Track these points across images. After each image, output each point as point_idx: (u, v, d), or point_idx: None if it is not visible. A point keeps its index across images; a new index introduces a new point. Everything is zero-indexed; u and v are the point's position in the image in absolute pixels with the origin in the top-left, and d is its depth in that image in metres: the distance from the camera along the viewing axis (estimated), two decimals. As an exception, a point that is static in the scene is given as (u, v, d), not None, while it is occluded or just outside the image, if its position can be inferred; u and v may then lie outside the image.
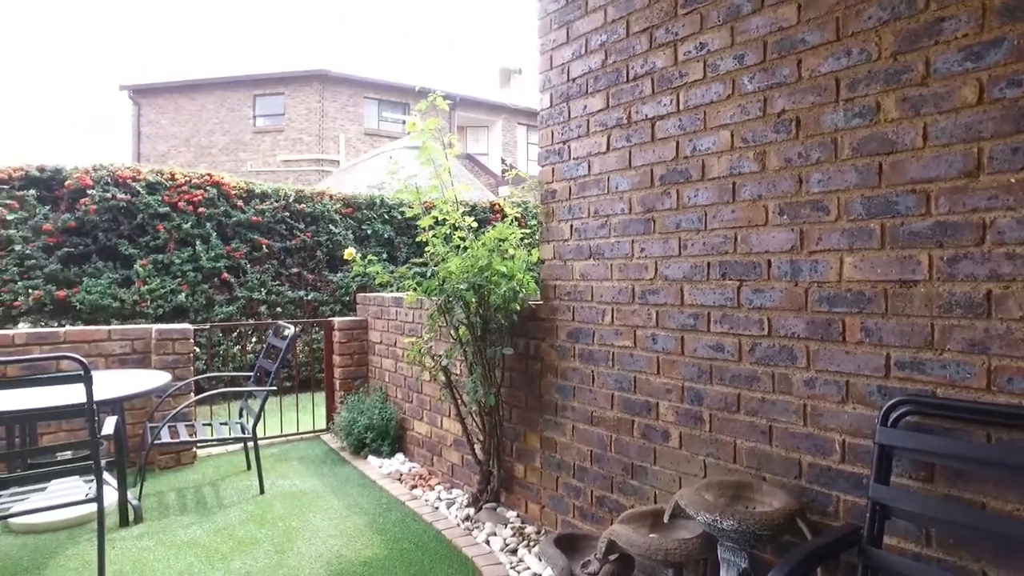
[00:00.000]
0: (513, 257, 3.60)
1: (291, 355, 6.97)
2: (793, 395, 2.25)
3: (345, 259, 4.07)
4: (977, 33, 1.82)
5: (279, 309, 7.71)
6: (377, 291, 6.05)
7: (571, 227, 3.30)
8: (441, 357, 3.79)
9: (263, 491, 4.20)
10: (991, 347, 1.78)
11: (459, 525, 3.59)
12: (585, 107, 3.20)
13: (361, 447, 4.98)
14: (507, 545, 3.28)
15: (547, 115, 3.48)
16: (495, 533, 3.43)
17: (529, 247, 3.70)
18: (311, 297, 7.97)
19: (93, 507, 3.02)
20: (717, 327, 2.51)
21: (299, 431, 5.73)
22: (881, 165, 2.02)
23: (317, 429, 5.79)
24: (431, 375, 4.08)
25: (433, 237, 3.70)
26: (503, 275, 3.47)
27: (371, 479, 4.44)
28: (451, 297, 3.50)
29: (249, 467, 4.68)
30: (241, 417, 4.69)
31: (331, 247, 8.14)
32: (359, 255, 3.98)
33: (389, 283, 3.81)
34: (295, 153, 20.86)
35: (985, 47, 1.80)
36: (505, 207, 4.09)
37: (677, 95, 2.69)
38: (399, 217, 8.61)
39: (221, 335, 7.17)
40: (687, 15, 2.64)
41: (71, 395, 2.99)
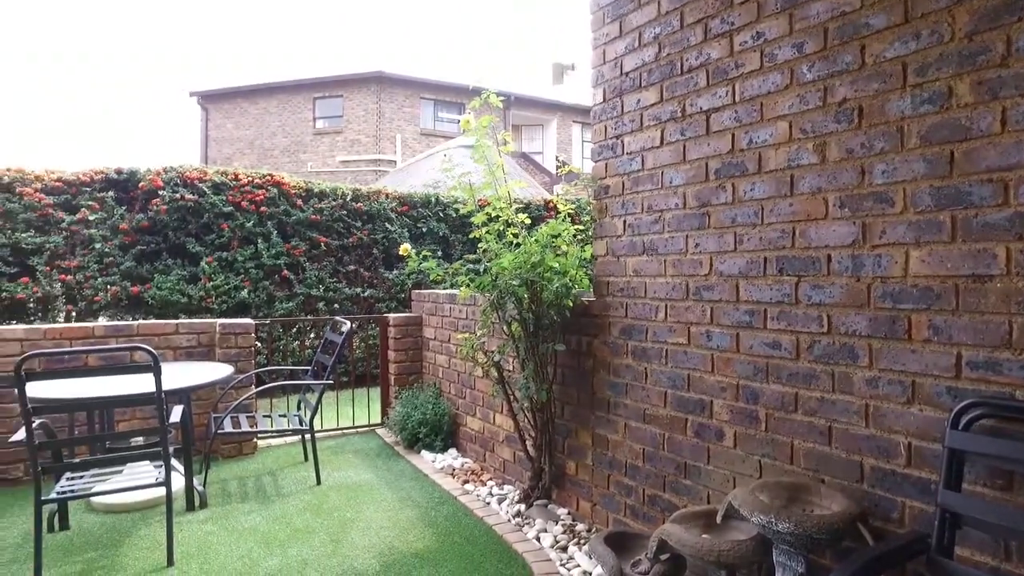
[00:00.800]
0: (566, 253, 3.59)
1: (347, 350, 7.15)
2: (854, 395, 2.16)
3: (400, 256, 4.14)
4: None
5: (336, 305, 7.90)
6: (432, 288, 6.13)
7: (624, 223, 3.26)
8: (494, 353, 3.81)
9: (319, 482, 4.32)
10: (1074, 346, 1.67)
11: (510, 521, 3.61)
12: (639, 101, 3.16)
13: (415, 442, 5.05)
14: (557, 542, 3.27)
15: (600, 110, 3.45)
16: (546, 530, 3.42)
17: (582, 243, 3.68)
18: (367, 294, 8.14)
19: (163, 491, 3.18)
20: (774, 324, 2.44)
21: (355, 425, 5.87)
22: (952, 153, 1.91)
23: (372, 423, 5.91)
24: (484, 371, 4.11)
25: (486, 233, 3.72)
26: (556, 271, 3.46)
27: (424, 473, 4.50)
28: (503, 293, 3.51)
29: (306, 458, 4.81)
30: (299, 410, 4.83)
31: (387, 245, 8.28)
32: (414, 252, 4.04)
33: (442, 279, 3.85)
34: (353, 154, 21.35)
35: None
36: (558, 203, 4.07)
37: (733, 86, 2.62)
38: (454, 215, 8.70)
39: (281, 330, 7.41)
40: (743, 4, 2.56)
41: (143, 384, 3.15)
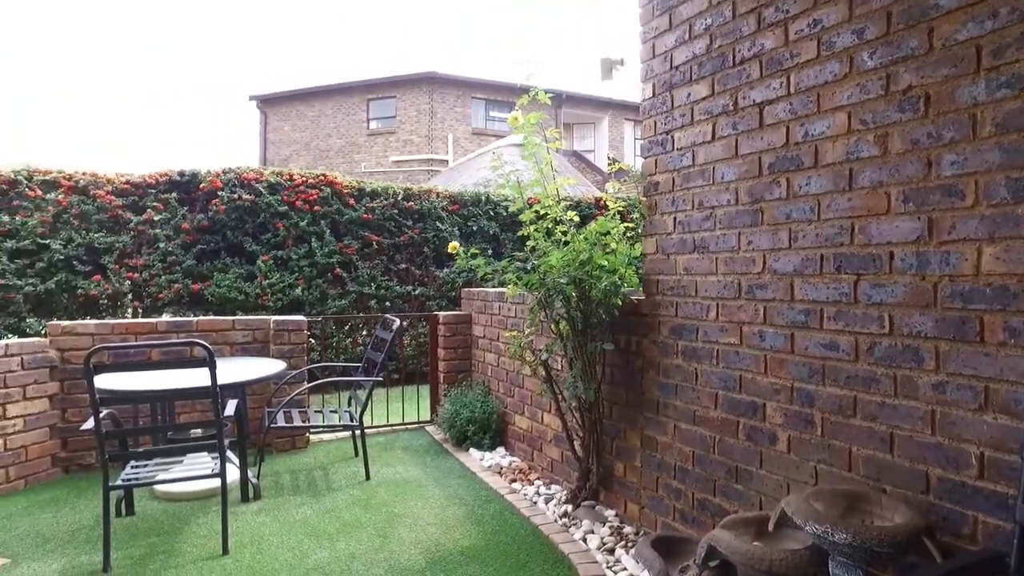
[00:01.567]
0: (615, 251, 3.53)
1: (398, 348, 7.24)
2: (919, 400, 2.04)
3: (451, 254, 4.15)
4: None
5: (388, 303, 8.01)
6: (482, 287, 6.14)
7: (674, 220, 3.18)
8: (541, 352, 3.78)
9: (369, 477, 4.38)
10: None
11: (556, 521, 3.57)
12: (689, 95, 3.07)
13: (463, 439, 5.07)
14: (604, 544, 3.22)
15: (649, 105, 3.37)
16: (592, 531, 3.38)
17: (632, 241, 3.61)
18: (418, 292, 8.22)
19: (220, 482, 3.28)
20: (831, 324, 2.33)
21: (404, 422, 5.94)
22: (1029, 143, 1.78)
23: (421, 420, 5.97)
24: (531, 369, 4.09)
25: (535, 231, 3.69)
26: (604, 269, 3.41)
27: (472, 471, 4.51)
28: (551, 291, 3.48)
29: (357, 454, 4.89)
30: (350, 406, 4.91)
31: (438, 243, 8.35)
32: (462, 249, 4.04)
33: (491, 276, 3.85)
34: (406, 154, 21.65)
35: None
36: (608, 201, 4.01)
37: (788, 77, 2.52)
38: (504, 213, 8.69)
39: (334, 327, 7.56)
40: (800, -10, 2.46)
41: (200, 378, 3.25)
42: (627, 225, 3.68)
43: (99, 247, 6.83)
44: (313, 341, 7.16)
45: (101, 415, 3.05)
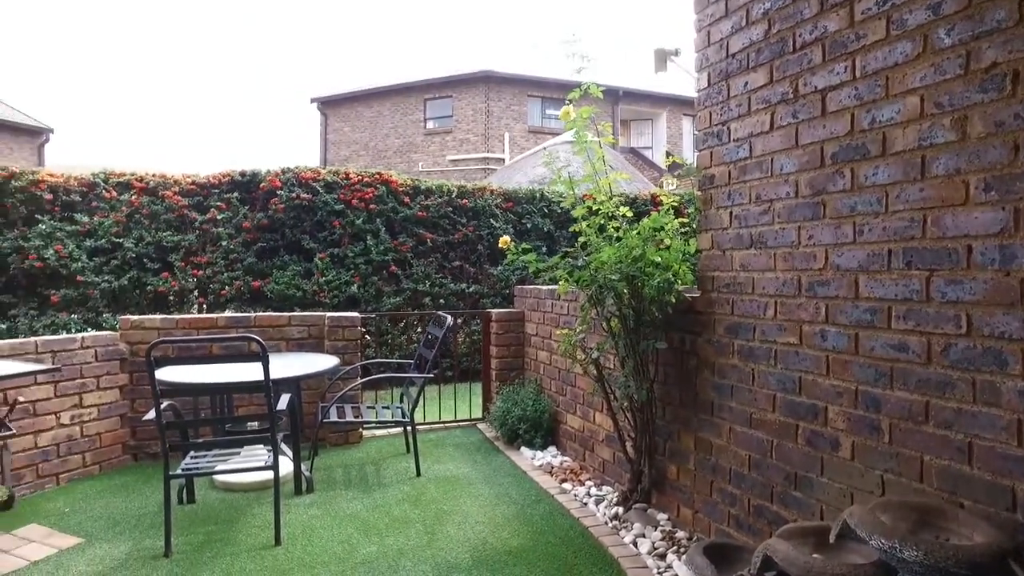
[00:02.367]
0: (669, 247, 3.42)
1: (451, 345, 7.27)
2: (1002, 407, 1.87)
3: (503, 251, 4.11)
4: None
5: (442, 301, 8.05)
6: (535, 284, 6.09)
7: (730, 214, 3.05)
8: (593, 350, 3.70)
9: (419, 474, 4.40)
10: None
11: (607, 523, 3.49)
12: (746, 84, 2.94)
13: (514, 438, 5.04)
14: (655, 549, 3.12)
15: (704, 95, 3.25)
16: (643, 535, 3.28)
17: (687, 237, 3.50)
18: (472, 290, 8.24)
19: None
20: (900, 323, 2.17)
21: (456, 419, 5.95)
22: None
23: (473, 418, 5.97)
24: (583, 368, 4.01)
25: (586, 227, 3.62)
26: (657, 265, 3.31)
27: (522, 470, 4.47)
28: (603, 288, 3.40)
29: (408, 450, 4.92)
30: (402, 402, 4.95)
31: (491, 241, 8.34)
32: (513, 244, 4.00)
33: (542, 271, 3.79)
34: (462, 153, 21.79)
35: None
36: (661, 195, 3.89)
37: (853, 61, 2.36)
38: (558, 211, 8.61)
39: (389, 324, 7.66)
40: (868, -33, 2.30)
41: (255, 372, 3.32)
42: (681, 220, 3.56)
43: (167, 245, 7.13)
44: (368, 338, 7.27)
45: (162, 406, 3.16)
